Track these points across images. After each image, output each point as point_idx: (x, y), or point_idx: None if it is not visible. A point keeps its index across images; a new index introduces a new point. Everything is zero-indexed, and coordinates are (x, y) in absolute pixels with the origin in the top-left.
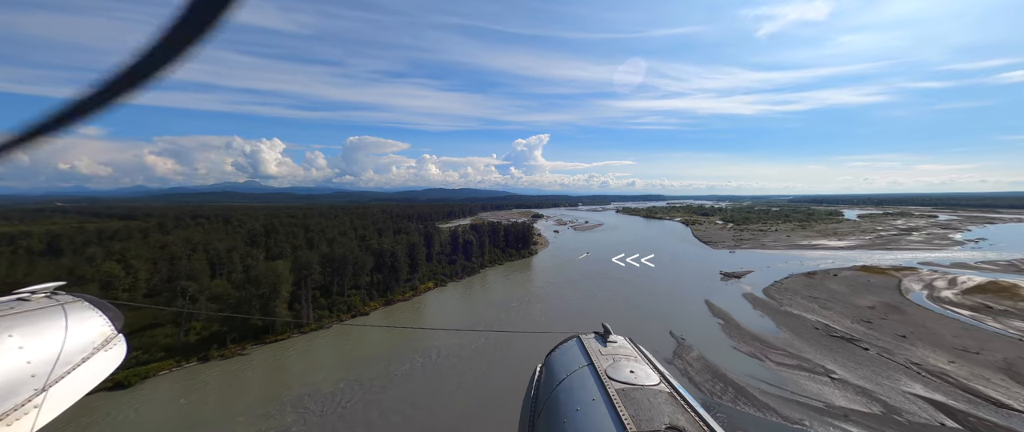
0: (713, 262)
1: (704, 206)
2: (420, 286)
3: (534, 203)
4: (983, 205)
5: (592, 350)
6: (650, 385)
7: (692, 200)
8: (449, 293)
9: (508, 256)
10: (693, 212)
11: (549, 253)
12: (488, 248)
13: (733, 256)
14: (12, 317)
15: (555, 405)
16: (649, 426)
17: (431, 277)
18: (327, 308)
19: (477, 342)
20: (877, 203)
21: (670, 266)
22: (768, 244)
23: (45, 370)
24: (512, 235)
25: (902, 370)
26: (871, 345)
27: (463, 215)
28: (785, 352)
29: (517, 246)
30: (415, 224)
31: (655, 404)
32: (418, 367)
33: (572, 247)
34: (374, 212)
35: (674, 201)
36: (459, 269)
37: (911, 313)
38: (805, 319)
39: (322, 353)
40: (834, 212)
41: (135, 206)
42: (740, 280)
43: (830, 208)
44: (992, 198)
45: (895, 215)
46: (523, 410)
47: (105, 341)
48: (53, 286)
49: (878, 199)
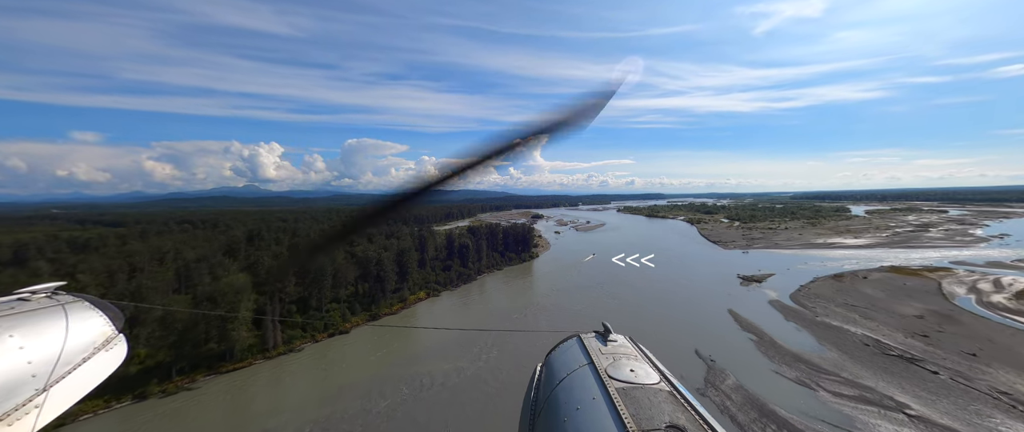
0: (727, 264)
1: (706, 204)
2: (410, 297)
3: (534, 203)
4: (989, 200)
5: (592, 349)
6: (650, 384)
7: (692, 198)
8: (443, 304)
9: (507, 260)
10: (696, 211)
11: (551, 256)
12: (486, 252)
13: (747, 257)
14: (13, 317)
15: (555, 404)
16: (649, 425)
17: (423, 286)
18: (302, 328)
19: (473, 367)
20: (880, 198)
21: (682, 269)
22: (781, 243)
23: (46, 370)
24: (511, 238)
25: (990, 402)
26: (939, 367)
27: (462, 216)
28: (839, 378)
29: (517, 249)
30: (410, 227)
31: (655, 403)
32: (400, 403)
33: (575, 249)
34: None
35: (674, 199)
36: (454, 276)
37: (967, 323)
38: (849, 333)
39: (289, 384)
40: (841, 208)
41: (130, 212)
42: (762, 285)
43: (835, 204)
44: (995, 192)
45: (903, 211)
46: (523, 409)
47: (106, 341)
48: (54, 286)
49: (880, 195)
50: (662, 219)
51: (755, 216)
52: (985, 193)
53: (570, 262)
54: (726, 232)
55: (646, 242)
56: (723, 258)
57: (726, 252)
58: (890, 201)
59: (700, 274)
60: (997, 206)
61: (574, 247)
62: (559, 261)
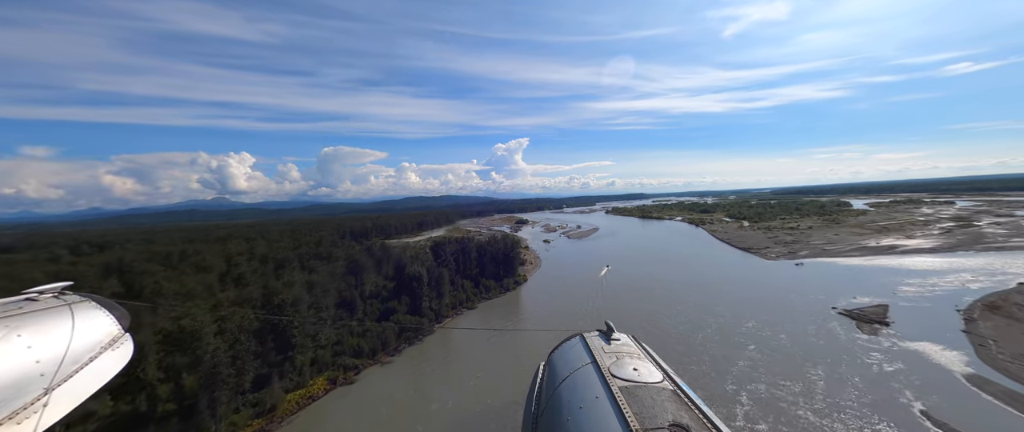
0: (787, 282)
1: (699, 202)
2: (283, 400)
3: (517, 207)
4: (946, 190)
5: (595, 348)
6: (653, 382)
7: (673, 197)
8: (360, 397)
9: (484, 291)
10: (691, 210)
11: (544, 277)
12: (449, 283)
13: (803, 271)
14: (20, 317)
15: (558, 403)
16: (652, 424)
17: (331, 362)
18: None
19: None
20: (865, 191)
21: (731, 293)
22: (829, 249)
23: (53, 369)
24: (489, 257)
25: None
26: None
27: (438, 225)
28: None
29: (498, 273)
30: (346, 246)
31: (658, 402)
32: None
33: (574, 264)
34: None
35: (656, 199)
36: (391, 335)
37: None
38: None
39: None
40: (841, 203)
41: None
42: (889, 329)
43: (825, 199)
44: (946, 183)
45: (908, 203)
46: (526, 408)
47: (112, 340)
48: (61, 286)
49: (844, 189)
50: (657, 220)
51: (762, 215)
52: (938, 184)
53: (570, 286)
54: (746, 235)
55: (655, 249)
56: (773, 273)
57: (769, 263)
58: (879, 194)
59: (767, 305)
60: (995, 194)
61: (572, 260)
62: (556, 286)
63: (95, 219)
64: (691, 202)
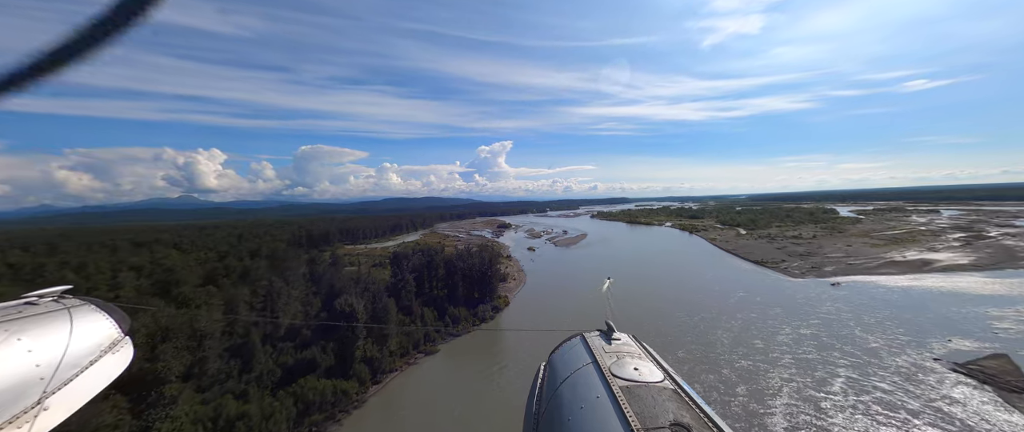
0: (842, 313)
1: (685, 207)
2: None
3: (500, 210)
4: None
5: (596, 348)
6: (654, 382)
7: (654, 202)
8: None
9: (452, 324)
10: (679, 215)
11: (530, 297)
12: (395, 318)
13: (844, 293)
14: (21, 321)
15: (558, 403)
16: (654, 423)
17: None
18: None
19: None
20: (841, 199)
21: (781, 328)
22: (854, 264)
23: (53, 373)
24: (462, 275)
25: None
26: None
27: (414, 228)
28: None
29: (471, 298)
30: (301, 252)
31: (659, 401)
32: None
33: (566, 277)
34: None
35: (639, 204)
36: (297, 410)
37: None
38: None
39: None
40: (828, 210)
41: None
42: None
43: (808, 206)
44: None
45: (894, 211)
46: (527, 409)
47: (112, 344)
48: (61, 290)
49: (811, 196)
50: (646, 226)
51: (755, 222)
52: (897, 193)
53: (566, 312)
54: (749, 244)
55: (657, 261)
56: (812, 298)
57: (796, 282)
58: (856, 201)
59: (832, 345)
60: (983, 203)
61: (562, 273)
62: (547, 311)
63: (45, 217)
64: (676, 207)
